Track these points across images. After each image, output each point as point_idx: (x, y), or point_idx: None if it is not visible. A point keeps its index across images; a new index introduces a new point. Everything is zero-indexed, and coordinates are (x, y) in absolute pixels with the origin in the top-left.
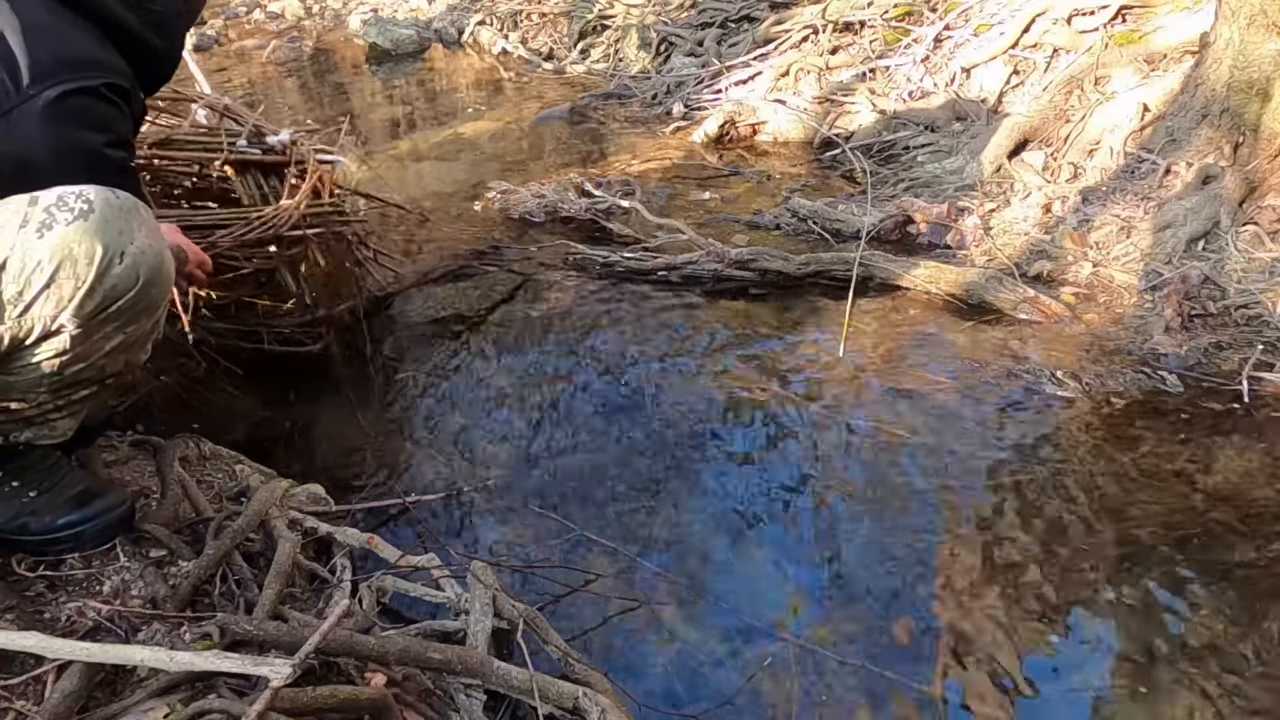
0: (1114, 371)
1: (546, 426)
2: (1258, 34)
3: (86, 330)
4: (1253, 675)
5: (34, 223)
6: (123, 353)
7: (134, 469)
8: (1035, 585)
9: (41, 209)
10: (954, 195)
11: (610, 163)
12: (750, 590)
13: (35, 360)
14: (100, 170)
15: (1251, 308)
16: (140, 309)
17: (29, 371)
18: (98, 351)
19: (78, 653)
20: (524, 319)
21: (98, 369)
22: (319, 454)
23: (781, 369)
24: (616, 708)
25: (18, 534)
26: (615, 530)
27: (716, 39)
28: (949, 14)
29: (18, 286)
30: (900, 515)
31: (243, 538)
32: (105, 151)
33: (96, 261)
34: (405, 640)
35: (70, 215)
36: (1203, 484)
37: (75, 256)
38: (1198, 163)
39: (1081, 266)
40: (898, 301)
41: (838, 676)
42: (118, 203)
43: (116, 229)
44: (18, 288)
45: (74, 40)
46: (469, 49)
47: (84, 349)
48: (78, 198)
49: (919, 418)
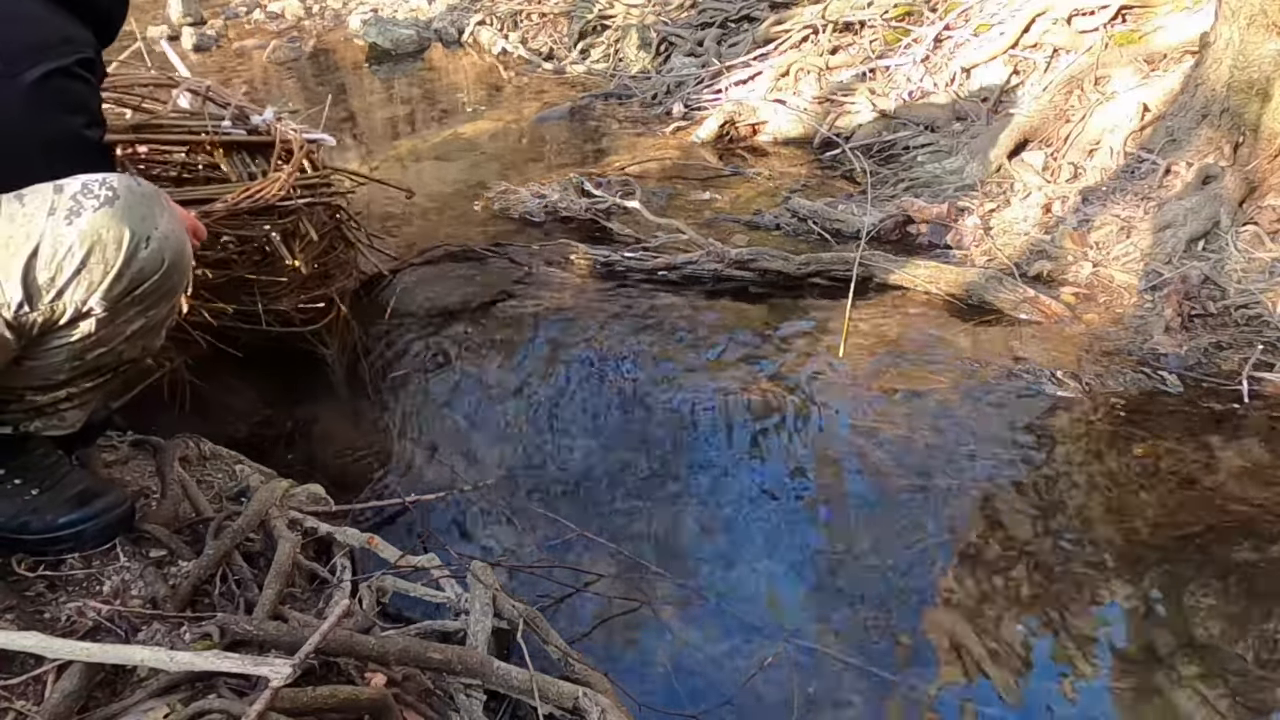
0: (1114, 371)
1: (546, 426)
2: (1258, 34)
3: (113, 313)
4: (1253, 675)
5: (62, 210)
6: (141, 338)
7: (134, 469)
8: (1035, 585)
9: (68, 196)
10: (954, 195)
11: (610, 163)
12: (750, 590)
13: (60, 344)
14: (82, 153)
15: (1251, 308)
16: (163, 292)
17: (52, 355)
18: (119, 335)
19: (78, 653)
20: (524, 318)
21: (116, 354)
22: (319, 454)
23: (781, 369)
24: (616, 708)
25: (18, 532)
26: (615, 530)
27: (716, 39)
28: (949, 14)
29: (50, 272)
30: (900, 515)
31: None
32: (85, 134)
33: (125, 246)
34: (405, 640)
35: (97, 202)
36: (1203, 484)
37: (105, 241)
38: (1198, 163)
39: (1081, 266)
40: (898, 301)
41: (838, 676)
42: (140, 190)
43: (140, 214)
44: (50, 274)
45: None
46: (469, 49)
47: (107, 332)
48: (102, 185)
49: (919, 418)
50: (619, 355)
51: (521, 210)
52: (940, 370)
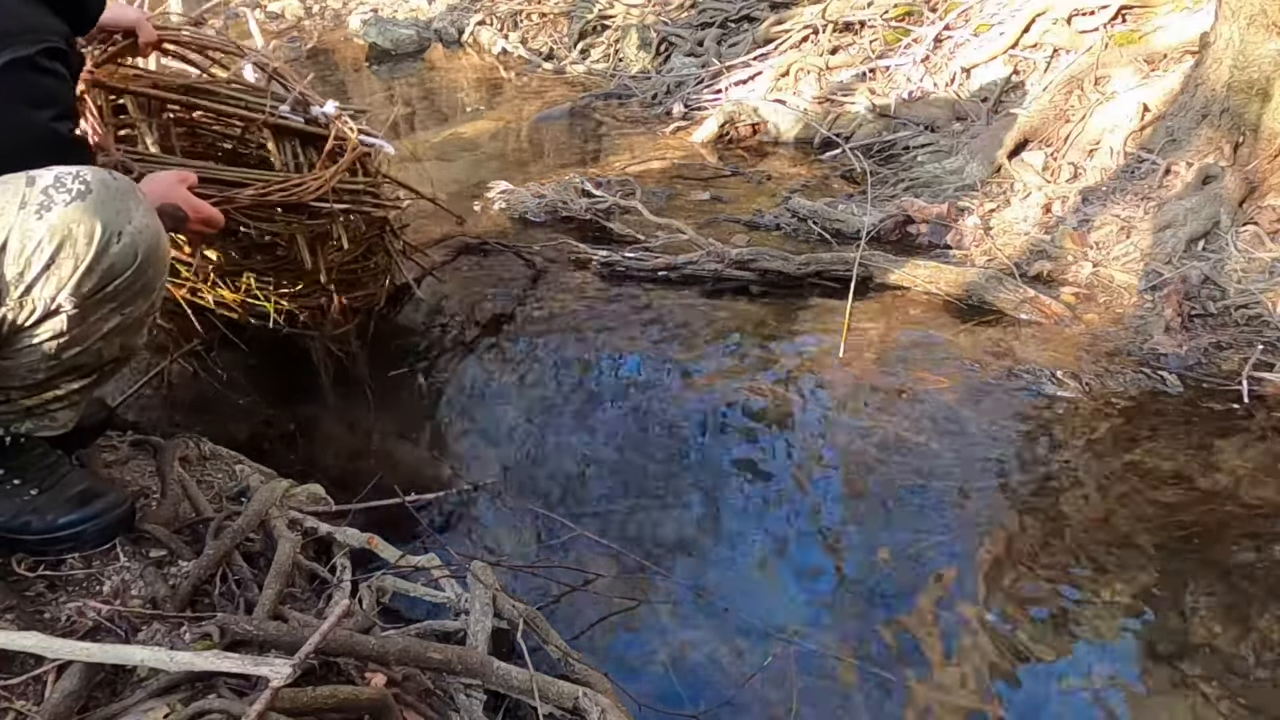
0: (1114, 371)
1: (546, 426)
2: (1258, 34)
3: (84, 311)
4: (1253, 675)
5: (33, 204)
6: (119, 336)
7: (134, 469)
8: (1035, 585)
9: (39, 190)
10: (954, 195)
11: (610, 163)
12: (750, 590)
13: (33, 343)
14: (53, 147)
15: (1251, 308)
16: (137, 290)
17: (25, 355)
18: (95, 334)
19: (78, 653)
20: (524, 318)
21: (95, 354)
22: (319, 454)
23: (781, 369)
24: (616, 708)
25: (19, 532)
26: (615, 530)
27: (716, 39)
28: (949, 14)
29: (18, 268)
30: (900, 515)
31: (243, 538)
32: (55, 127)
33: (96, 240)
34: (405, 640)
35: (69, 196)
36: (1202, 484)
37: (75, 236)
38: (1198, 163)
39: (1081, 266)
40: (898, 301)
41: (838, 676)
42: (115, 184)
43: (114, 209)
44: (18, 269)
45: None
46: (469, 49)
47: (81, 331)
48: (75, 178)
49: (919, 418)
50: (618, 355)
51: (522, 210)
52: (940, 370)
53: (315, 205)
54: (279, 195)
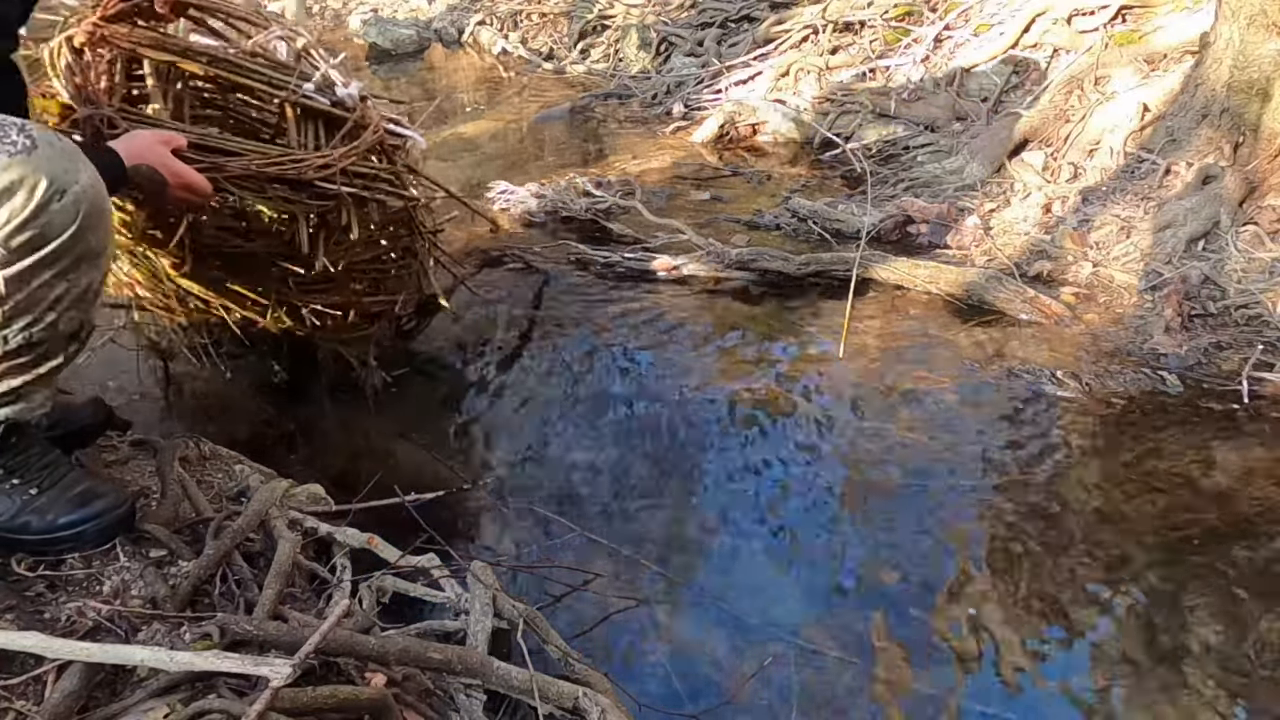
0: (1114, 371)
1: (546, 426)
2: (1258, 34)
3: (20, 275)
4: (1253, 675)
5: None
6: (71, 308)
7: (134, 469)
8: (1035, 585)
9: None
10: (954, 195)
11: (610, 163)
12: (750, 590)
13: None
14: None
15: (1251, 308)
16: (78, 255)
17: None
18: (39, 303)
19: (78, 653)
20: (523, 318)
21: (50, 327)
22: (319, 454)
23: (781, 369)
24: (616, 708)
25: (19, 532)
26: (615, 530)
27: (716, 39)
28: (949, 14)
29: None
30: (900, 515)
31: (243, 538)
32: None
33: (39, 195)
34: (405, 640)
35: (13, 149)
36: (1203, 484)
37: (14, 189)
38: (1198, 163)
39: (1081, 266)
40: (898, 301)
41: (838, 676)
42: (60, 144)
43: (62, 166)
44: None
45: None
46: (469, 49)
47: (23, 298)
48: (20, 131)
49: (919, 418)
50: (618, 355)
51: (522, 210)
52: (940, 370)
53: (321, 185)
54: (276, 170)
